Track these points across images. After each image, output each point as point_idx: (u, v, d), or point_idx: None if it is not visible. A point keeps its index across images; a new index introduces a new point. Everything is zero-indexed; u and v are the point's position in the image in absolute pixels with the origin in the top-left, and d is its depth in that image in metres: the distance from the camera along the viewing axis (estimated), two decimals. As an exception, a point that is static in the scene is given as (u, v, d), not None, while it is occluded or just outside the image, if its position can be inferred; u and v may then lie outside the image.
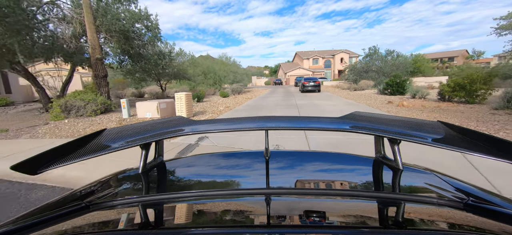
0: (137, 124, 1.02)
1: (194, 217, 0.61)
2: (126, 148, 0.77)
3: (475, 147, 0.69)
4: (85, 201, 0.64)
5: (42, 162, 0.69)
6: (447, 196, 0.67)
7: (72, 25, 9.60)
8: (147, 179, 0.85)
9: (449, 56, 53.65)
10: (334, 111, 8.76)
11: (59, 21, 9.68)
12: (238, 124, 0.98)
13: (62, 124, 7.47)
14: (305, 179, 0.86)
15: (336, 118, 1.01)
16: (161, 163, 0.99)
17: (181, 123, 1.03)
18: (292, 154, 1.11)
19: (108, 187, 0.80)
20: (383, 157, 0.96)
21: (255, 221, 0.56)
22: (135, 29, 11.40)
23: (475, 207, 0.58)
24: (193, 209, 0.65)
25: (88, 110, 8.40)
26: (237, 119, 1.07)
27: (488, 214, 0.55)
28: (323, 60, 52.81)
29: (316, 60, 53.15)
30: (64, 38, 9.52)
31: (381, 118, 1.00)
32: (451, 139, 0.77)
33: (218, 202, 0.66)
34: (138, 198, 0.70)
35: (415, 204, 0.64)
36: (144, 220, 0.59)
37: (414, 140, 0.75)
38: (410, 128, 0.86)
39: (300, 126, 0.96)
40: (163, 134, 0.85)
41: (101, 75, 9.65)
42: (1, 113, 10.81)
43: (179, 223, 0.57)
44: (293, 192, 0.72)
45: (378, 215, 0.61)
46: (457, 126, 0.84)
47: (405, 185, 0.78)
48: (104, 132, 0.92)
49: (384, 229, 0.52)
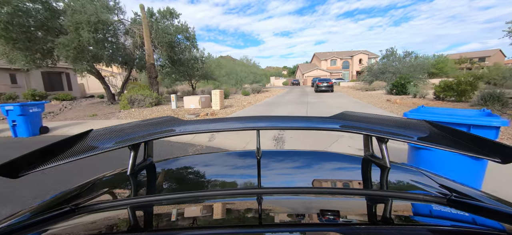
0: (126, 124, 1.03)
1: (184, 218, 0.60)
2: (114, 149, 0.75)
3: (458, 145, 0.72)
4: (71, 204, 0.62)
5: (24, 164, 0.68)
6: (432, 192, 0.68)
7: (133, 38, 12.64)
8: (136, 181, 0.83)
9: (480, 56, 51.17)
10: (337, 106, 10.66)
11: (124, 35, 12.78)
12: (229, 124, 1.00)
13: (130, 111, 10.28)
14: (296, 178, 0.87)
15: (326, 118, 1.04)
16: (150, 164, 0.98)
17: (171, 123, 1.04)
18: (283, 153, 1.12)
19: (95, 190, 0.77)
20: (371, 155, 0.98)
21: (247, 221, 0.57)
22: (177, 40, 14.29)
23: (457, 202, 0.60)
24: (184, 210, 0.64)
25: (146, 103, 11.21)
26: (227, 118, 1.09)
27: (469, 209, 0.58)
28: (341, 61, 53.41)
29: (334, 61, 53.91)
30: (128, 48, 12.58)
31: (370, 117, 1.04)
32: (435, 137, 0.80)
33: (209, 203, 0.66)
34: (126, 200, 0.69)
35: (401, 200, 0.66)
36: (133, 222, 0.57)
37: (400, 138, 0.78)
38: (397, 127, 0.91)
39: (291, 125, 0.98)
40: (152, 135, 0.85)
41: (153, 76, 12.54)
42: (77, 105, 14.20)
43: (169, 225, 0.56)
44: (284, 191, 0.71)
45: (367, 211, 0.63)
46: (441, 125, 0.88)
47: (392, 182, 0.80)
48: (91, 133, 0.91)
49: (373, 225, 0.54)
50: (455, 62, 41.31)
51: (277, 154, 1.09)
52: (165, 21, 13.67)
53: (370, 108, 9.72)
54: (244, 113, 9.42)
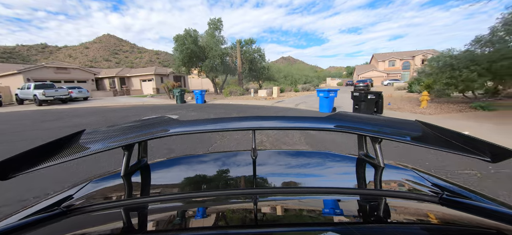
0: (120, 125, 1.05)
1: (179, 219, 0.60)
2: (107, 150, 0.75)
3: (451, 145, 0.73)
4: (62, 206, 0.61)
5: (15, 166, 0.66)
6: (424, 191, 0.70)
7: (231, 58, 22.78)
8: (130, 182, 0.83)
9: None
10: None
11: (226, 55, 23.15)
12: (224, 124, 1.01)
13: (231, 97, 19.78)
14: (291, 178, 0.88)
15: (321, 118, 1.05)
16: (144, 165, 0.97)
17: (166, 123, 1.05)
18: (279, 153, 1.13)
19: (87, 191, 0.76)
20: (365, 155, 0.99)
21: (242, 221, 0.57)
22: (254, 56, 23.90)
23: (449, 201, 0.60)
24: (178, 212, 0.64)
25: (238, 93, 20.67)
26: (223, 118, 1.11)
27: (461, 207, 0.58)
28: (401, 62, 52.99)
29: (392, 62, 54.02)
30: (227, 63, 22.93)
31: (364, 117, 1.06)
32: (428, 137, 0.81)
33: (204, 204, 0.66)
34: (119, 201, 0.68)
35: (395, 199, 0.67)
36: (127, 224, 0.57)
37: (394, 138, 0.79)
38: (391, 127, 0.93)
39: (286, 125, 1.00)
40: (146, 135, 0.85)
41: (241, 79, 22.36)
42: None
43: (163, 227, 0.56)
44: (280, 192, 0.73)
45: (362, 211, 0.64)
46: (434, 125, 0.88)
47: (386, 181, 0.82)
48: (83, 133, 0.90)
49: (367, 224, 0.55)
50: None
51: (272, 154, 1.11)
52: (249, 46, 23.49)
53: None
54: (289, 100, 17.09)
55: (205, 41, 21.78)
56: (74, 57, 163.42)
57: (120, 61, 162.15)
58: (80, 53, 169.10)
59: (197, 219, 0.59)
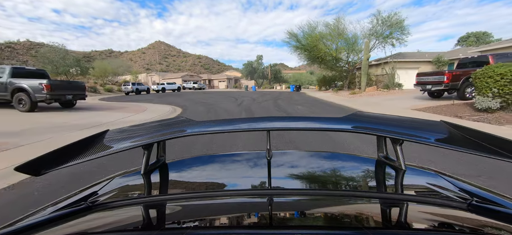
0: (140, 125, 1.06)
1: (196, 218, 0.61)
2: (128, 149, 0.78)
3: (479, 147, 0.68)
4: (88, 201, 0.65)
5: (46, 163, 0.71)
6: (451, 196, 0.65)
7: (266, 71, 50.42)
8: (149, 180, 0.86)
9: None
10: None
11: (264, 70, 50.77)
12: (241, 124, 1.02)
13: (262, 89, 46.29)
14: (307, 179, 0.86)
15: (338, 118, 1.03)
16: (163, 164, 1.00)
17: (184, 124, 1.07)
18: (294, 154, 1.12)
19: (111, 188, 0.80)
20: (385, 157, 0.94)
21: (258, 221, 0.57)
22: (277, 70, 52.48)
23: (479, 208, 0.56)
24: (195, 209, 0.65)
25: (268, 87, 47.43)
26: (238, 119, 1.14)
27: (492, 215, 0.54)
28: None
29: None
30: (264, 74, 50.86)
31: (383, 118, 1.02)
32: (454, 138, 0.77)
33: (220, 203, 0.67)
34: (140, 198, 0.72)
35: (418, 205, 0.64)
36: (147, 220, 0.59)
37: (417, 140, 0.75)
38: (413, 128, 0.89)
39: (302, 126, 0.98)
40: (165, 135, 0.87)
41: (270, 82, 49.82)
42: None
43: (181, 224, 0.58)
44: (295, 193, 0.72)
45: (381, 215, 0.61)
46: (461, 125, 0.83)
47: (408, 185, 0.79)
48: (107, 133, 0.94)
49: (387, 230, 0.52)
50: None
51: (287, 155, 1.09)
52: (273, 67, 51.04)
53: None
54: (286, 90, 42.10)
55: (254, 66, 48.87)
56: (135, 61, 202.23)
57: (170, 65, 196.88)
58: (139, 58, 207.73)
59: (213, 218, 0.60)
